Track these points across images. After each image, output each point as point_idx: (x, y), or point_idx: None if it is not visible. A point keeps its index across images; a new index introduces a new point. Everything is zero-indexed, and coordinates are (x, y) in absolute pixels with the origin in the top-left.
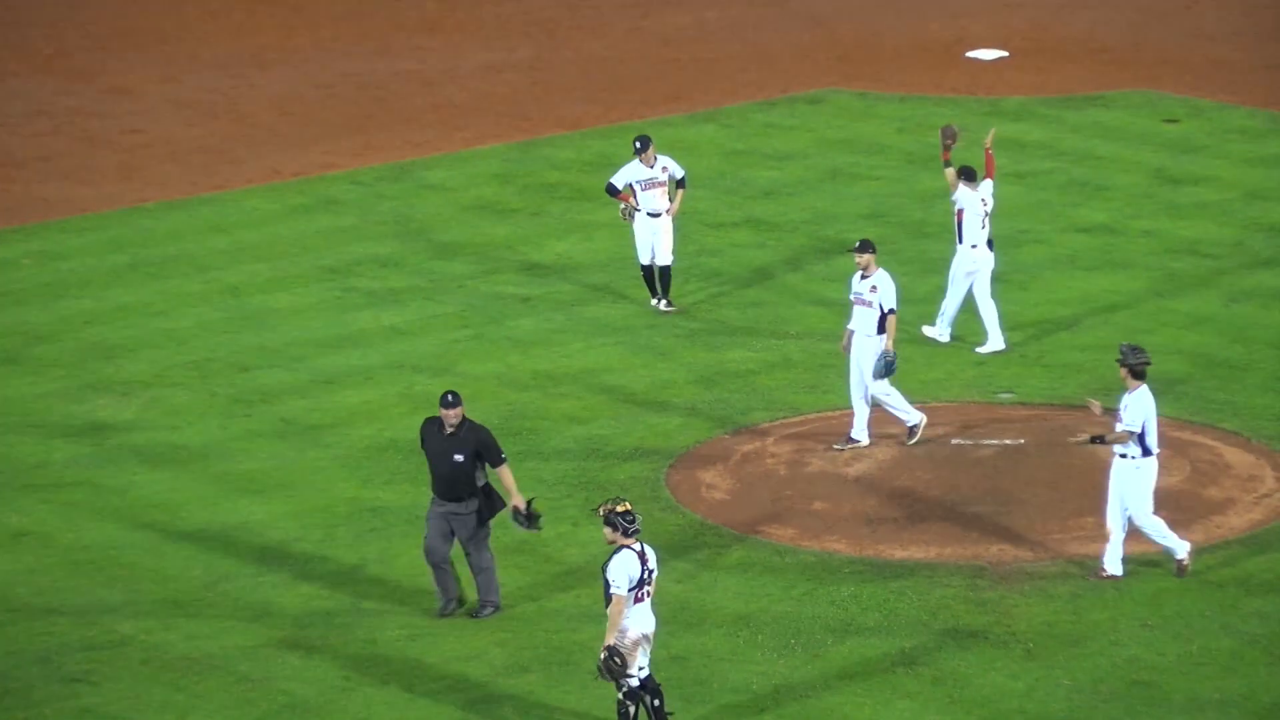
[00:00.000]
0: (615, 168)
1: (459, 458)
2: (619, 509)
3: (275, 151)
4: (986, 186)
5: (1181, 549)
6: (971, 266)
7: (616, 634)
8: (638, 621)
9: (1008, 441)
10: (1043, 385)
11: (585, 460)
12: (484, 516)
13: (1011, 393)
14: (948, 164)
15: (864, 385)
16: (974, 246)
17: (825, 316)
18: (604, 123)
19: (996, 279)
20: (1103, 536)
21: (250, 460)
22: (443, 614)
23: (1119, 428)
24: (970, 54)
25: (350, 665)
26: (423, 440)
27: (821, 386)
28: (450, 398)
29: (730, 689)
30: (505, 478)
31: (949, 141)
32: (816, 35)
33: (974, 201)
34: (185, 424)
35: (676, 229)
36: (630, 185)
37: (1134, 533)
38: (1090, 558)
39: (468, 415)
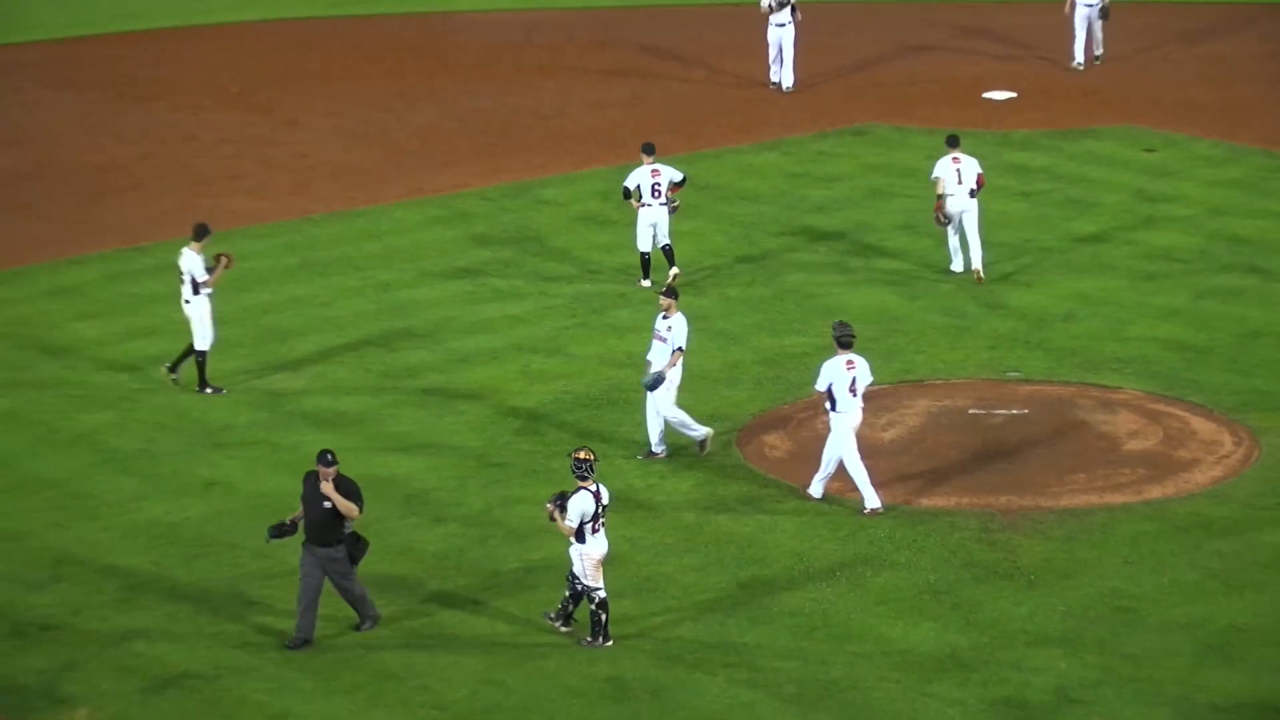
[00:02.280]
0: (696, 187)
1: (328, 504)
2: (580, 456)
3: (419, 172)
4: (972, 161)
5: (871, 500)
6: (953, 209)
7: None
8: (597, 547)
9: (1014, 411)
10: (1043, 365)
11: (670, 426)
12: (354, 558)
13: (1018, 371)
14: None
15: (656, 405)
16: (952, 196)
17: (867, 308)
18: (687, 150)
19: (979, 221)
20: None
21: (397, 424)
22: (292, 647)
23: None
24: (986, 94)
25: (479, 591)
26: (303, 490)
27: None
28: (329, 457)
29: (788, 611)
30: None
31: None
32: (861, 79)
33: (945, 166)
34: (344, 394)
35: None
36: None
37: (1100, 488)
38: (1081, 508)
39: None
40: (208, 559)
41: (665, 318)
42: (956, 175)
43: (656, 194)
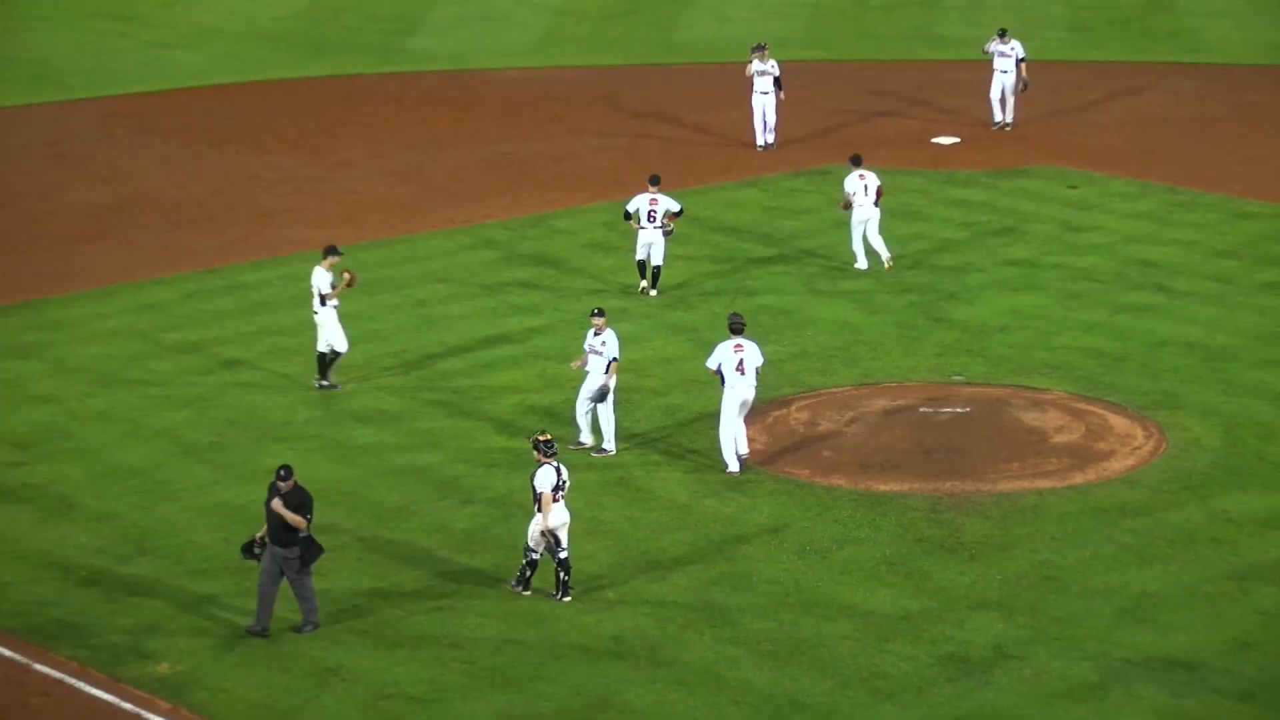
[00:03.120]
0: (687, 219)
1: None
2: (542, 439)
3: (450, 206)
4: (873, 176)
5: (730, 464)
6: (859, 218)
7: (550, 521)
8: (557, 515)
9: (958, 410)
10: (983, 370)
11: (665, 421)
12: (306, 560)
13: (961, 375)
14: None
15: (587, 405)
16: (860, 205)
17: (832, 321)
18: (679, 187)
19: (880, 229)
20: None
21: (432, 420)
22: (251, 632)
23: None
24: (934, 140)
25: (501, 563)
26: (267, 498)
27: (829, 371)
28: (283, 472)
29: (765, 580)
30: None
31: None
32: (828, 127)
33: (854, 181)
34: (388, 395)
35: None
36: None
37: (1031, 475)
38: (1015, 492)
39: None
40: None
41: (598, 334)
42: (863, 188)
43: (652, 219)
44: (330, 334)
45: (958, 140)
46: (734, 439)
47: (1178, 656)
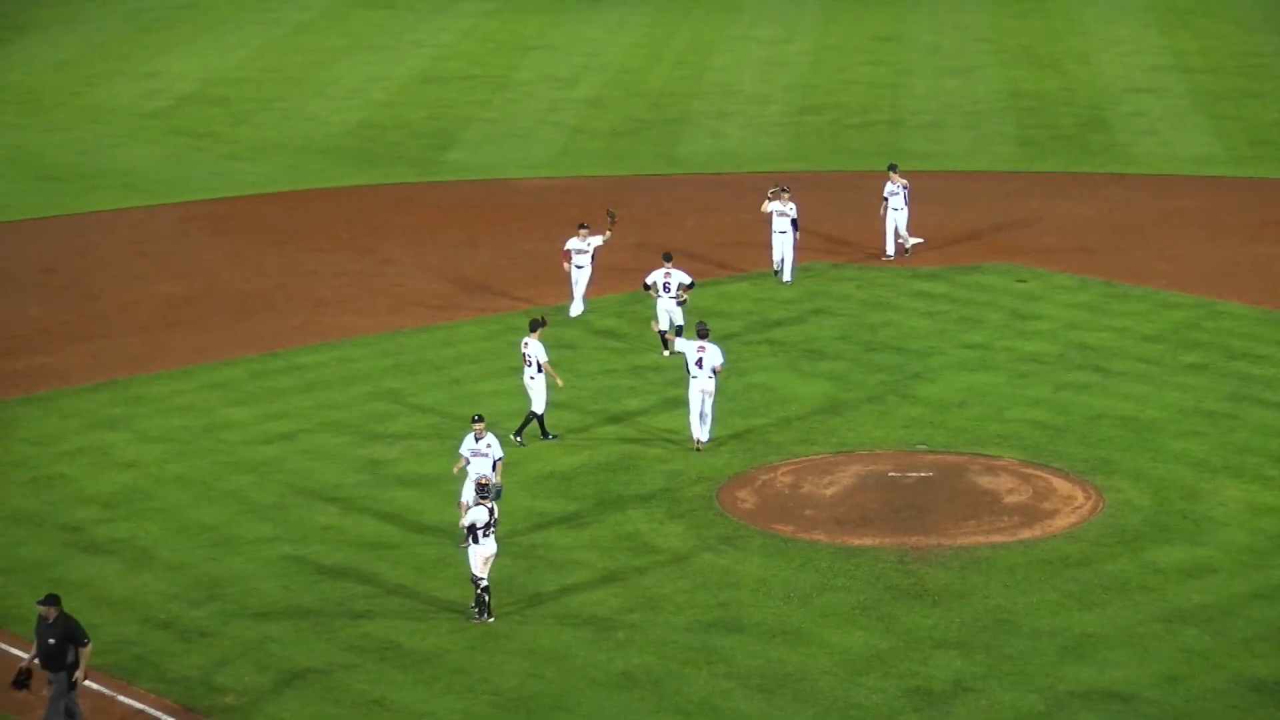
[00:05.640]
0: (688, 310)
1: (51, 641)
2: (480, 482)
3: (481, 298)
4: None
5: (694, 435)
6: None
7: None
8: (488, 547)
9: (923, 474)
10: (944, 440)
11: (668, 484)
12: (72, 685)
13: (925, 444)
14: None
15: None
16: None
17: (813, 396)
18: None
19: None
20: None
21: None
22: None
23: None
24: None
25: (524, 607)
26: (36, 625)
27: (809, 440)
28: (46, 599)
29: (755, 623)
30: (83, 656)
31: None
32: (808, 229)
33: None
34: (426, 461)
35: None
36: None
37: (985, 531)
38: (972, 545)
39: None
40: (324, 583)
41: (479, 438)
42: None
43: (668, 290)
44: (542, 396)
45: (921, 241)
46: (696, 422)
47: (1114, 689)
